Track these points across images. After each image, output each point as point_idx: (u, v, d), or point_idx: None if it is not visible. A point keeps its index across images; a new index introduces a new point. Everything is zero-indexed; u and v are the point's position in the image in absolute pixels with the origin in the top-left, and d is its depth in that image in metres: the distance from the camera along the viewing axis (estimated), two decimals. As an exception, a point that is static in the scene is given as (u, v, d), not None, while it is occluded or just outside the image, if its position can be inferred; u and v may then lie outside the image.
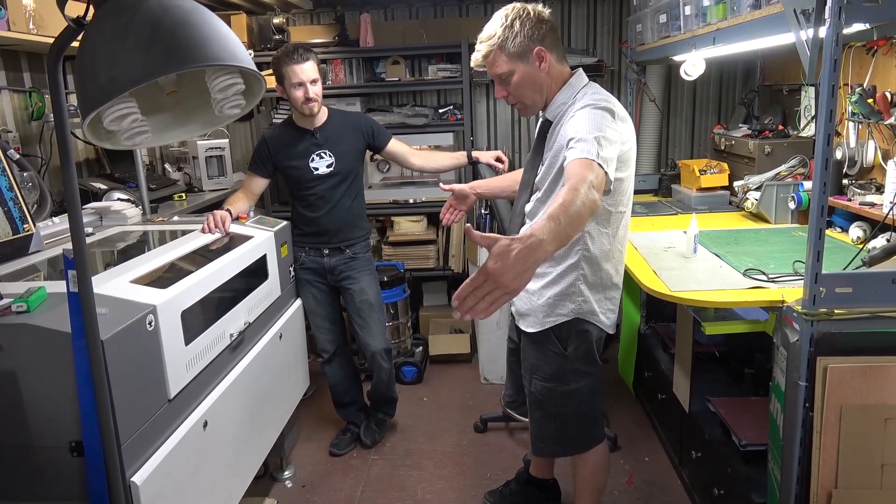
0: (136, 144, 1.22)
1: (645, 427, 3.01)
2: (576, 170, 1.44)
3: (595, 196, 1.37)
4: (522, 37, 1.62)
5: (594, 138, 1.48)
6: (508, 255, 1.14)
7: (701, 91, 3.99)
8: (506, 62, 1.65)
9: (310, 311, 2.83)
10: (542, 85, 1.69)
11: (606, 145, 1.49)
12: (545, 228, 1.22)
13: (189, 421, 1.77)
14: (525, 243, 1.16)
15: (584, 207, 1.33)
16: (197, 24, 1.09)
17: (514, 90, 1.69)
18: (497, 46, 1.64)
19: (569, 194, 1.34)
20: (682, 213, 3.05)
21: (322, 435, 3.09)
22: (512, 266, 1.14)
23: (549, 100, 1.72)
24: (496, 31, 1.64)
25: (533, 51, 1.64)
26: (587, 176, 1.40)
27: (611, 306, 1.84)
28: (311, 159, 2.65)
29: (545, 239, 1.20)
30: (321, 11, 4.01)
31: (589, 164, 1.44)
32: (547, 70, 1.67)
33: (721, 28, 2.24)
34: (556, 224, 1.25)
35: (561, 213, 1.28)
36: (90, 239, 2.31)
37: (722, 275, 1.98)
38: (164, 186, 3.44)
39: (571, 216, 1.29)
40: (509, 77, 1.67)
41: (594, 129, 1.50)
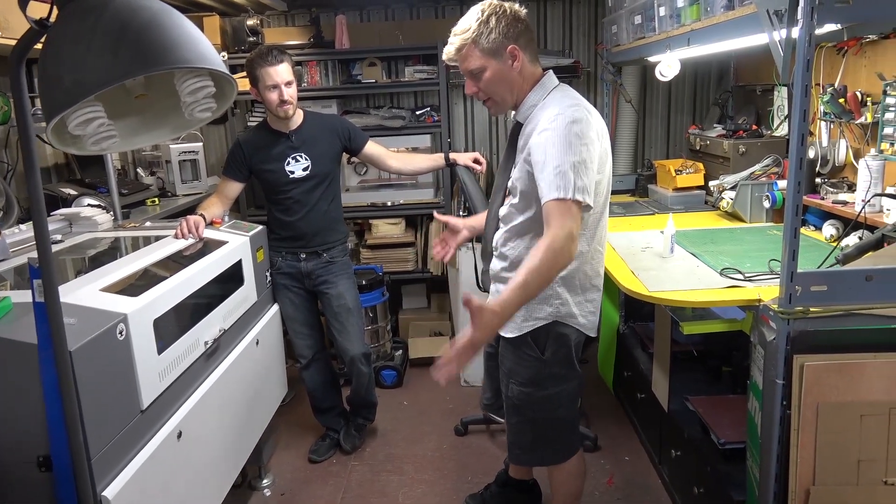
0: (104, 150, 1.19)
1: (625, 426, 3.02)
2: (554, 217, 1.50)
3: (573, 248, 1.49)
4: (497, 33, 1.60)
5: (569, 168, 1.50)
6: (489, 328, 1.45)
7: (676, 92, 4.03)
8: (478, 57, 1.63)
9: (287, 316, 2.79)
10: (513, 83, 1.67)
11: (582, 171, 1.51)
12: (513, 302, 1.47)
13: (162, 432, 1.73)
14: (498, 320, 1.46)
15: (555, 268, 1.48)
16: (166, 25, 1.06)
17: (484, 86, 1.67)
18: (471, 41, 1.62)
19: (543, 257, 1.47)
20: (658, 212, 3.07)
21: (301, 442, 3.05)
22: (486, 338, 1.48)
23: (520, 100, 1.71)
24: (471, 26, 1.62)
25: (506, 48, 1.62)
26: (566, 226, 1.48)
27: (591, 308, 1.82)
28: (286, 162, 2.62)
29: (511, 312, 1.49)
30: (296, 13, 3.97)
31: (566, 207, 1.49)
32: (519, 69, 1.65)
33: (695, 29, 2.25)
34: (523, 293, 1.47)
35: (531, 277, 1.46)
36: (59, 246, 2.26)
37: (699, 274, 1.99)
38: (137, 191, 3.38)
39: (542, 279, 1.48)
40: (481, 73, 1.65)
41: (568, 156, 1.51)
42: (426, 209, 3.82)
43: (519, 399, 1.86)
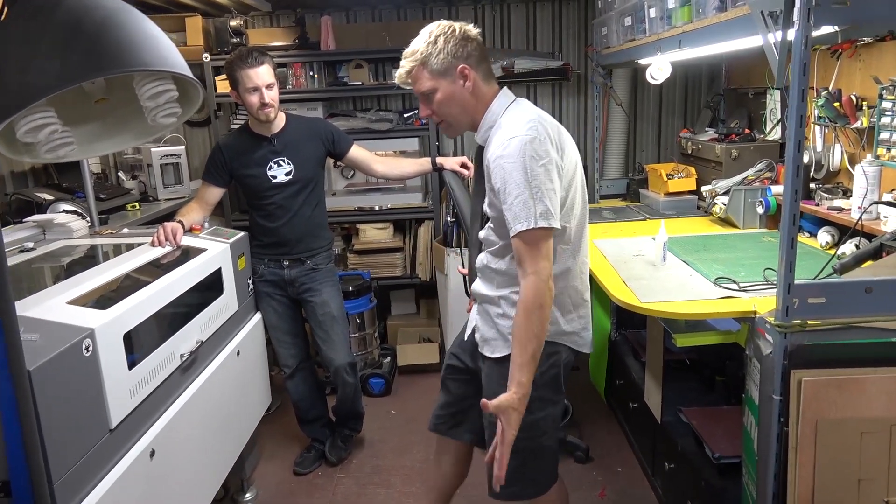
0: (59, 157, 1.12)
1: (617, 436, 2.96)
2: (523, 257, 1.50)
3: (549, 286, 1.50)
4: (446, 54, 1.57)
5: (529, 196, 1.47)
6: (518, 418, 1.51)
7: (667, 94, 3.98)
8: (428, 79, 1.59)
9: (270, 325, 2.72)
10: (465, 104, 1.62)
11: (544, 194, 1.48)
12: (530, 380, 1.50)
13: (133, 451, 1.65)
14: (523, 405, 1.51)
15: (542, 321, 1.50)
16: (122, 25, 0.99)
17: (437, 108, 1.62)
18: (420, 63, 1.59)
19: (525, 323, 1.49)
20: (650, 218, 3.01)
21: (286, 453, 2.97)
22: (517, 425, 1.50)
23: (477, 121, 1.66)
24: (419, 48, 1.59)
25: (456, 68, 1.58)
26: (538, 268, 1.48)
27: (583, 324, 1.75)
28: (268, 167, 2.54)
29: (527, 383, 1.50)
30: (280, 13, 3.89)
31: (533, 239, 1.48)
32: (471, 89, 1.60)
33: (686, 31, 2.20)
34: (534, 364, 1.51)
35: (535, 347, 1.50)
36: (30, 255, 2.17)
37: (692, 284, 1.93)
38: (117, 196, 3.29)
39: (542, 339, 1.51)
40: (432, 94, 1.60)
41: (526, 182, 1.48)
42: (414, 213, 3.75)
43: None
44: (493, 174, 1.54)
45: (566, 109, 4.04)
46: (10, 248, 2.20)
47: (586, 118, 4.01)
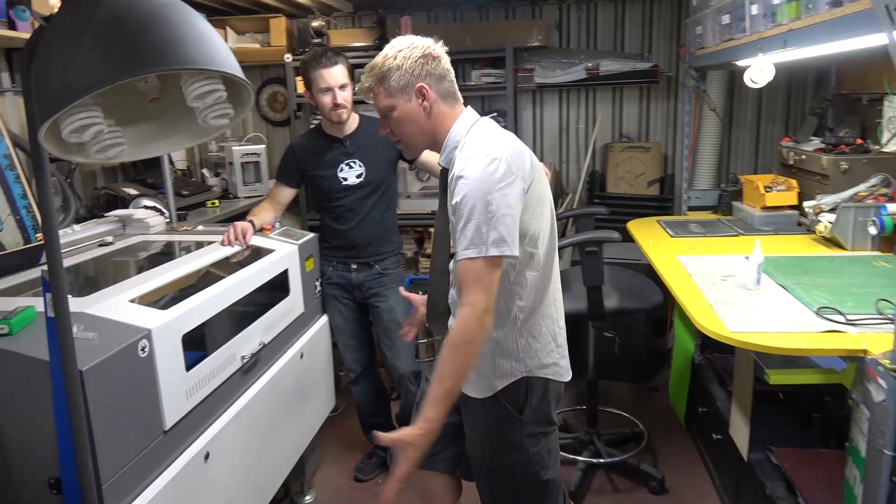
0: (110, 158, 1.08)
1: (696, 467, 2.74)
2: (465, 287, 1.42)
3: (485, 322, 1.41)
4: (404, 71, 1.50)
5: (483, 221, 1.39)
6: (417, 459, 1.42)
7: (767, 99, 3.67)
8: (385, 96, 1.53)
9: (336, 328, 2.69)
10: (421, 124, 1.54)
11: (503, 221, 1.39)
12: (440, 417, 1.41)
13: (187, 454, 1.63)
14: (425, 442, 1.42)
15: (470, 357, 1.41)
16: (167, 21, 0.93)
17: (394, 126, 1.56)
18: (377, 79, 1.53)
19: (462, 355, 1.40)
20: (744, 234, 2.77)
21: (348, 457, 2.94)
22: (420, 458, 1.42)
23: (439, 143, 1.57)
24: (378, 63, 1.53)
25: (415, 87, 1.51)
26: (475, 301, 1.39)
27: (562, 353, 1.64)
28: (339, 169, 2.51)
29: (439, 427, 1.42)
30: (362, 14, 3.88)
31: (477, 268, 1.40)
32: (429, 109, 1.52)
33: (793, 29, 1.98)
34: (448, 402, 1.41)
35: (455, 383, 1.41)
36: (108, 249, 2.22)
37: (790, 313, 1.72)
38: (199, 192, 3.38)
39: (464, 377, 1.43)
40: (390, 112, 1.54)
41: (481, 207, 1.39)
42: (489, 219, 3.63)
43: (498, 466, 1.63)
44: (454, 196, 1.44)
45: (654, 114, 3.82)
46: (90, 241, 2.27)
47: (675, 124, 3.77)
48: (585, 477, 2.63)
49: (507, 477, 1.63)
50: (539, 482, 1.62)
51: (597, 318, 2.49)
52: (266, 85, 4.09)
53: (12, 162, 2.03)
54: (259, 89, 4.10)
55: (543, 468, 1.62)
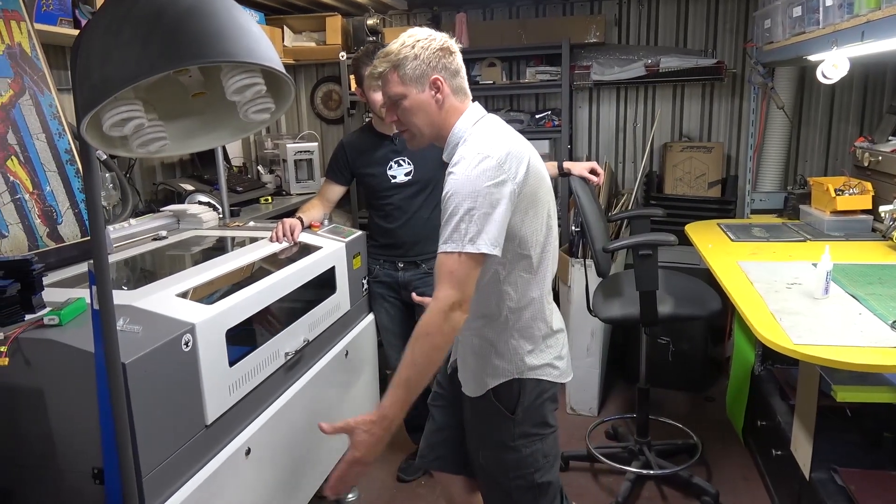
0: (151, 152, 1.08)
1: (754, 484, 2.60)
2: (439, 280, 1.40)
3: (454, 320, 1.37)
4: (421, 61, 1.50)
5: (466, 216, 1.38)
6: (367, 444, 1.38)
7: (841, 97, 3.47)
8: (398, 84, 1.51)
9: (382, 327, 2.67)
10: (432, 116, 1.54)
11: (485, 219, 1.37)
12: (394, 404, 1.38)
13: (228, 449, 1.64)
14: (378, 429, 1.38)
15: (435, 351, 1.38)
16: (207, 13, 0.92)
17: (402, 115, 1.55)
18: (392, 65, 1.51)
19: (418, 348, 1.38)
20: (811, 239, 2.61)
21: (392, 457, 2.92)
22: (373, 451, 1.39)
23: (444, 136, 1.56)
24: (395, 49, 1.52)
25: (430, 78, 1.50)
26: (447, 296, 1.37)
27: (556, 352, 1.60)
28: (388, 167, 2.49)
29: (396, 414, 1.39)
30: (418, 12, 3.87)
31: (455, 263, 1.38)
32: (441, 102, 1.52)
33: (872, 20, 1.84)
34: (405, 392, 1.38)
35: (414, 374, 1.38)
36: (161, 243, 2.27)
37: (861, 325, 1.60)
38: (252, 189, 3.43)
39: (426, 372, 1.39)
40: (400, 100, 1.53)
41: (468, 201, 1.38)
42: (540, 220, 3.56)
43: (490, 465, 1.63)
44: (445, 189, 1.45)
45: (717, 112, 3.66)
46: (145, 235, 2.33)
47: (740, 123, 3.61)
48: (634, 488, 2.54)
49: (499, 476, 1.62)
50: (532, 483, 1.60)
51: (649, 324, 2.40)
52: (321, 83, 4.13)
53: (73, 157, 2.09)
54: (314, 87, 4.14)
55: (537, 470, 1.59)
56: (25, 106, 1.98)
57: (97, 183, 1.17)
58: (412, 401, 1.40)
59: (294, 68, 4.07)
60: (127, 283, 1.93)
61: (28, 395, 1.38)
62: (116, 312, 1.24)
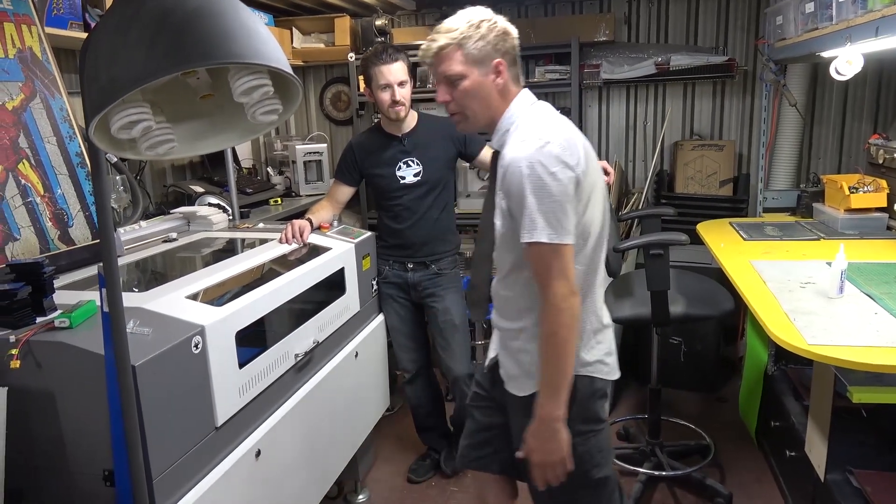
0: (160, 155, 1.08)
1: (768, 486, 2.57)
2: (541, 275, 1.40)
3: (573, 304, 1.39)
4: (486, 42, 1.44)
5: (537, 208, 1.36)
6: (538, 448, 1.46)
7: (854, 94, 3.43)
8: (460, 62, 1.45)
9: (392, 327, 2.67)
10: (489, 100, 1.49)
11: (553, 208, 1.36)
12: (549, 402, 1.42)
13: (239, 451, 1.64)
14: (539, 432, 1.45)
15: (554, 349, 1.40)
16: (214, 15, 0.92)
17: (459, 96, 1.49)
18: (456, 42, 1.44)
19: (548, 346, 1.41)
20: (825, 238, 2.58)
21: (402, 457, 2.92)
22: (545, 450, 1.45)
23: (495, 123, 1.52)
24: (460, 27, 1.45)
25: (493, 61, 1.46)
26: (557, 289, 1.37)
27: (605, 349, 1.56)
28: (398, 167, 2.49)
29: (550, 412, 1.43)
30: (426, 12, 3.86)
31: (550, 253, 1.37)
32: (500, 86, 1.48)
33: (887, 15, 1.82)
34: (553, 390, 1.42)
35: (552, 374, 1.42)
36: (172, 245, 2.28)
37: (877, 325, 1.58)
38: (262, 190, 3.44)
39: (562, 368, 1.41)
40: (459, 80, 1.47)
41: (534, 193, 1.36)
42: (550, 219, 3.54)
43: None
44: (504, 179, 1.41)
45: (728, 110, 3.63)
46: (155, 237, 2.33)
47: (752, 121, 3.58)
48: (646, 490, 2.52)
49: None
50: (591, 480, 1.57)
51: (661, 324, 2.38)
52: (330, 84, 4.13)
53: (84, 160, 2.10)
54: (323, 88, 4.14)
55: (595, 466, 1.56)
56: (36, 109, 1.99)
57: (106, 186, 1.17)
58: (564, 397, 1.42)
59: (303, 69, 4.08)
60: (137, 286, 1.94)
61: (39, 397, 1.39)
62: (126, 315, 1.25)
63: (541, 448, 1.45)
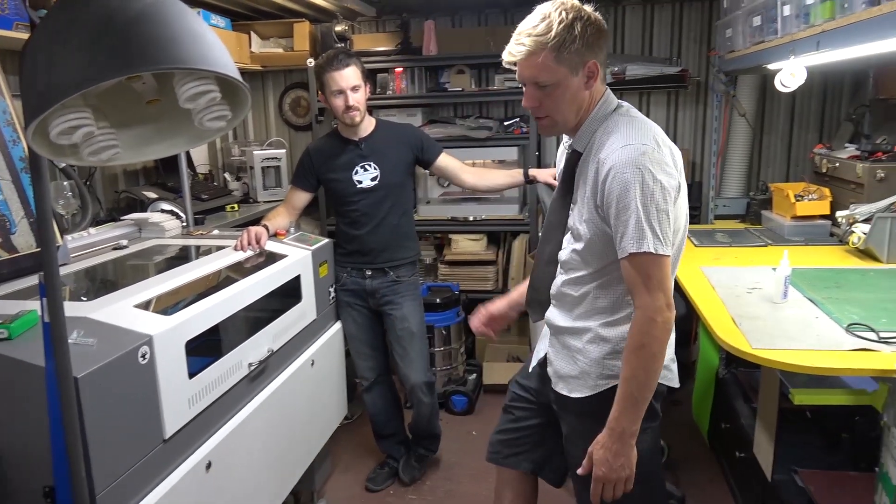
0: (104, 161, 1.06)
1: (719, 486, 2.63)
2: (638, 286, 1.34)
3: (668, 318, 1.34)
4: (580, 43, 1.33)
5: (644, 217, 1.30)
6: (604, 459, 1.39)
7: (801, 104, 3.55)
8: (554, 69, 1.34)
9: (349, 335, 2.65)
10: (581, 104, 1.42)
11: (659, 218, 1.32)
12: (625, 416, 1.37)
13: (188, 463, 1.60)
14: (611, 442, 1.39)
15: (643, 362, 1.35)
16: (159, 19, 0.90)
17: (551, 103, 1.40)
18: (550, 47, 1.32)
19: (637, 360, 1.35)
20: (772, 244, 2.66)
21: (360, 466, 2.90)
22: (613, 466, 1.39)
23: (581, 124, 1.45)
24: (552, 29, 1.32)
25: (587, 63, 1.36)
26: (654, 300, 1.32)
27: (670, 356, 1.52)
28: (354, 171, 2.47)
29: (626, 426, 1.37)
30: (387, 19, 3.86)
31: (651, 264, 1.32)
32: (592, 88, 1.41)
33: (827, 30, 1.89)
34: (633, 405, 1.37)
35: (636, 389, 1.36)
36: (122, 252, 2.22)
37: (818, 329, 1.63)
38: (219, 196, 3.38)
39: (647, 383, 1.36)
40: (551, 87, 1.37)
41: (642, 201, 1.31)
42: (510, 226, 3.58)
43: None
44: (601, 185, 1.35)
45: (682, 120, 3.71)
46: (105, 245, 2.27)
47: (704, 130, 3.67)
48: (603, 493, 2.55)
49: None
50: (649, 475, 1.53)
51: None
52: (290, 89, 4.09)
53: (28, 165, 2.03)
54: (282, 93, 4.10)
55: (651, 460, 1.54)
56: (-23, 112, 1.92)
57: (47, 192, 1.13)
58: (641, 412, 1.37)
59: (262, 74, 4.03)
60: (85, 295, 1.88)
61: (-25, 411, 1.34)
62: (70, 325, 1.21)
63: (609, 462, 1.38)
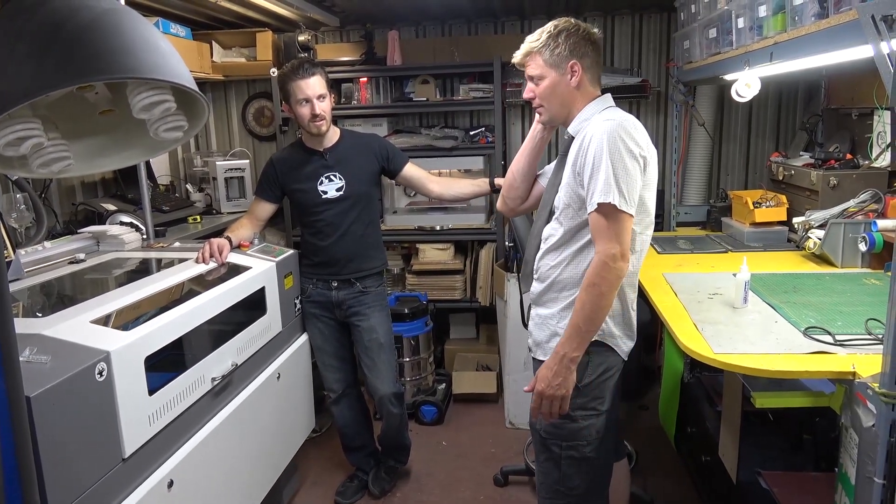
0: (54, 173, 1.03)
1: (686, 490, 2.67)
2: (600, 233, 1.54)
3: (621, 267, 1.52)
4: (563, 49, 1.67)
5: (612, 176, 1.53)
6: (544, 376, 1.61)
7: (757, 114, 3.65)
8: (540, 66, 1.70)
9: (316, 347, 2.62)
10: (566, 97, 1.72)
11: (626, 182, 1.54)
12: (569, 342, 1.57)
13: (149, 482, 1.56)
14: (553, 362, 1.60)
15: (592, 300, 1.54)
16: (110, 28, 0.88)
17: (540, 93, 1.73)
18: (536, 50, 1.70)
19: (587, 295, 1.54)
20: (732, 250, 2.72)
21: (329, 479, 2.86)
22: (552, 383, 1.60)
23: (573, 116, 1.75)
24: (541, 37, 1.70)
25: (568, 63, 1.68)
26: (610, 246, 1.52)
27: (628, 331, 1.73)
28: (319, 182, 2.45)
29: (567, 351, 1.58)
30: (351, 29, 3.85)
31: (613, 216, 1.52)
32: (576, 85, 1.70)
33: (779, 42, 1.94)
34: (577, 333, 1.56)
35: (581, 320, 1.55)
36: (79, 266, 2.16)
37: (777, 333, 1.66)
38: (180, 208, 3.31)
39: (593, 317, 1.55)
40: (540, 80, 1.72)
41: (613, 163, 1.54)
42: (477, 235, 3.58)
43: (546, 432, 1.74)
44: (582, 147, 1.60)
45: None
46: (61, 259, 2.21)
47: (665, 139, 3.74)
48: (572, 500, 2.55)
49: (552, 444, 1.73)
50: (583, 456, 1.71)
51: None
52: (253, 99, 4.05)
53: (-22, 176, 1.97)
54: (246, 103, 4.05)
55: (588, 444, 1.71)
56: (-77, 123, 1.85)
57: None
58: (585, 342, 1.57)
59: (224, 84, 3.99)
60: (40, 310, 1.82)
61: (-80, 434, 1.27)
62: (23, 342, 1.17)
63: (548, 380, 1.59)
